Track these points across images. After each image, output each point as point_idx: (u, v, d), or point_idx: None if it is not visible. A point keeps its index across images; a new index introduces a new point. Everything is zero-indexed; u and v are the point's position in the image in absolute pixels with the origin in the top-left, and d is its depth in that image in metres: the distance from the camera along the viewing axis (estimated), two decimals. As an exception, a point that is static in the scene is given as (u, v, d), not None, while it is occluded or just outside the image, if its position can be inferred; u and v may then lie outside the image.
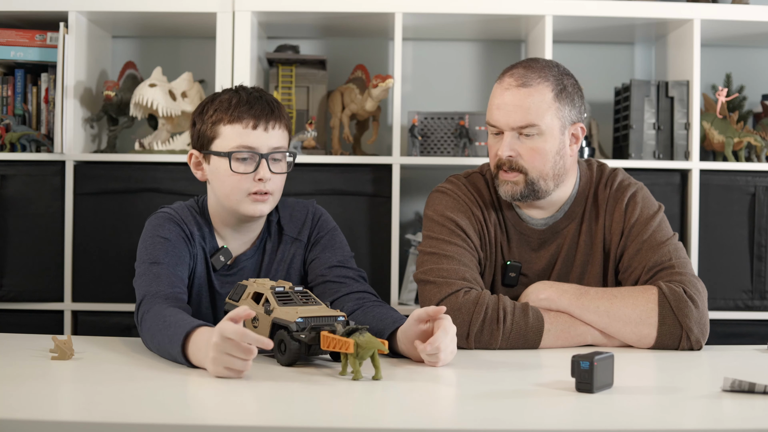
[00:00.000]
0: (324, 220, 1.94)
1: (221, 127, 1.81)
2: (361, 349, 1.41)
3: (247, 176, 1.80)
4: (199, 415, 1.22)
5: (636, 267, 1.85)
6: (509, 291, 1.92)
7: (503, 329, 1.74)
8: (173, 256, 1.78)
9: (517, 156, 1.85)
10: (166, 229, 1.82)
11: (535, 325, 1.75)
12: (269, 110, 1.82)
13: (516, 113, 1.83)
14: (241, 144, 1.80)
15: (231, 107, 1.80)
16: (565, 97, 1.85)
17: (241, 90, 1.84)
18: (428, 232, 1.91)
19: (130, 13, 2.54)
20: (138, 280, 1.76)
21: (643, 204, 1.90)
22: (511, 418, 1.21)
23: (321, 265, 1.88)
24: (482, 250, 1.92)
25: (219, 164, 1.82)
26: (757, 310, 2.52)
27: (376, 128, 2.70)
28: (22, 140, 2.52)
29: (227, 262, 1.87)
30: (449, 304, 1.77)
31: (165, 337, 1.56)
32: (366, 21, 2.64)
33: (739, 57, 2.89)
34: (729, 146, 2.57)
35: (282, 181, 1.86)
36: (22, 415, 1.16)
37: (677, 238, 1.88)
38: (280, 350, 1.52)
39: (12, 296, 2.49)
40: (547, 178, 1.86)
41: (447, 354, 1.55)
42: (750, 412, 1.24)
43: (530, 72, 1.85)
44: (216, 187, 1.84)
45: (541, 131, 1.83)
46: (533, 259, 1.92)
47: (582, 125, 1.90)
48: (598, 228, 1.92)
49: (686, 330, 1.74)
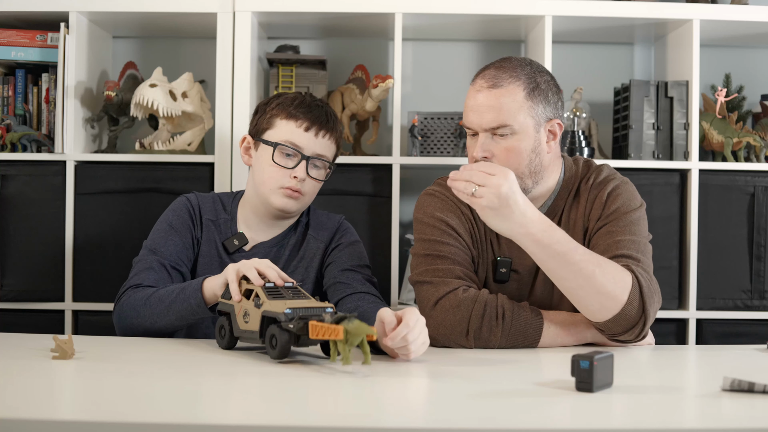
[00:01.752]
0: (349, 231, 2.06)
1: (277, 120, 1.97)
2: (350, 335, 1.42)
3: (285, 170, 1.94)
4: (200, 415, 1.23)
5: (600, 244, 1.83)
6: (501, 287, 1.92)
7: (503, 326, 1.74)
8: (172, 245, 1.95)
9: (492, 156, 1.85)
10: (176, 216, 2.00)
11: (535, 322, 1.76)
12: (325, 119, 1.97)
13: (488, 114, 1.84)
14: (290, 140, 1.95)
15: (292, 105, 1.96)
16: (538, 94, 1.85)
17: (307, 95, 2.01)
18: (420, 235, 1.92)
19: (131, 13, 2.54)
20: (136, 263, 1.95)
21: (625, 196, 1.89)
22: (511, 418, 1.21)
23: (335, 268, 1.96)
24: (474, 248, 1.92)
25: (264, 153, 1.97)
26: (757, 310, 2.53)
27: (376, 128, 2.70)
28: (23, 140, 2.53)
29: (242, 246, 1.99)
30: (447, 302, 1.77)
31: (173, 297, 1.76)
32: (366, 21, 2.64)
33: (738, 57, 2.89)
34: (728, 146, 2.58)
35: (316, 188, 2.00)
36: (22, 415, 1.17)
37: (649, 241, 1.87)
38: (272, 344, 1.53)
39: (13, 296, 2.49)
40: (524, 176, 1.86)
41: (418, 345, 1.57)
42: (750, 411, 1.24)
43: (501, 72, 1.86)
44: (256, 174, 1.99)
45: (515, 131, 1.83)
46: (523, 254, 1.92)
47: (559, 121, 1.90)
48: (578, 217, 1.91)
49: (645, 317, 1.72)
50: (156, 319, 1.79)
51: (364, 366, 1.47)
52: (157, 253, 1.94)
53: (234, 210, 2.05)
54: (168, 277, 1.92)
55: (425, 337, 1.60)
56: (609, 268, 1.73)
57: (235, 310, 1.63)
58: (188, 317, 1.76)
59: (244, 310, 1.60)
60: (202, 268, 1.99)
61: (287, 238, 2.03)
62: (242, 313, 1.61)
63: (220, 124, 2.52)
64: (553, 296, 1.91)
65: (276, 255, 2.00)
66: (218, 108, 2.53)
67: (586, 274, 1.71)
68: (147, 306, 1.80)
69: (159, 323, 1.79)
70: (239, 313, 1.61)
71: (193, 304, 1.73)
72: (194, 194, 2.05)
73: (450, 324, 1.76)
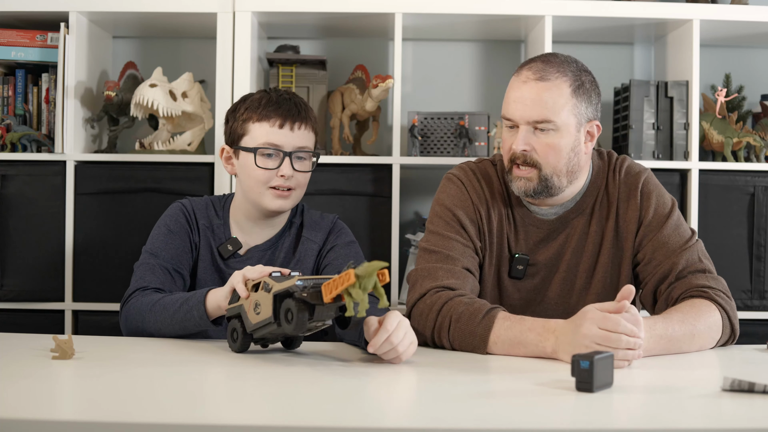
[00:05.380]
0: (344, 232, 2.04)
1: (250, 125, 1.94)
2: (362, 278, 1.40)
3: (270, 171, 1.92)
4: (200, 415, 1.23)
5: (662, 262, 1.84)
6: (516, 283, 1.92)
7: (449, 336, 1.72)
8: (172, 248, 1.95)
9: (531, 151, 1.83)
10: (173, 221, 1.98)
11: (481, 332, 1.69)
12: (296, 111, 1.95)
13: (533, 107, 1.81)
14: (267, 141, 1.93)
15: (260, 106, 1.94)
16: (583, 93, 1.84)
17: (271, 91, 1.98)
18: (428, 223, 1.93)
19: (131, 13, 2.54)
20: (137, 267, 1.94)
21: (658, 193, 1.91)
22: (511, 418, 1.21)
23: (332, 269, 1.95)
24: (480, 240, 1.91)
25: (246, 159, 1.94)
26: (757, 310, 2.53)
27: (376, 128, 2.70)
28: (23, 140, 2.53)
29: (236, 250, 1.98)
30: (417, 309, 1.78)
31: (177, 307, 1.75)
32: (366, 21, 2.64)
33: (738, 57, 2.89)
34: (728, 146, 2.58)
35: (305, 179, 1.98)
36: (22, 415, 1.16)
37: (696, 235, 1.90)
38: (287, 319, 1.52)
39: (13, 296, 2.49)
40: (560, 174, 1.85)
41: (405, 346, 1.55)
42: (750, 411, 1.24)
43: (549, 66, 1.83)
44: (242, 180, 1.97)
45: (557, 127, 1.81)
46: (542, 249, 1.92)
47: (598, 123, 1.89)
48: (610, 217, 1.91)
49: (734, 334, 1.79)
50: (160, 326, 1.79)
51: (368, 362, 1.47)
52: (158, 257, 1.93)
53: (226, 214, 2.03)
54: (171, 280, 1.92)
55: (412, 337, 1.58)
56: (701, 322, 1.73)
57: (245, 307, 1.62)
58: (191, 329, 1.76)
59: (254, 303, 1.59)
60: (202, 273, 1.98)
61: (281, 240, 2.02)
62: (253, 306, 1.59)
63: (220, 124, 2.52)
64: (572, 296, 1.91)
65: (270, 257, 1.99)
66: (218, 108, 2.53)
67: (688, 345, 1.71)
68: (152, 313, 1.80)
69: (163, 330, 1.79)
70: (249, 308, 1.60)
71: (195, 316, 1.73)
72: (188, 200, 2.03)
73: (421, 327, 1.77)
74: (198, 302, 1.73)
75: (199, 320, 1.72)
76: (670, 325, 1.69)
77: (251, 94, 1.99)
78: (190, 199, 2.04)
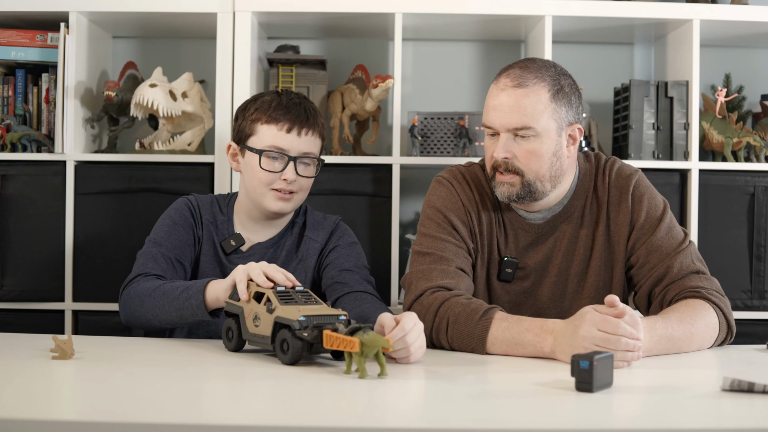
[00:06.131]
0: (347, 232, 2.06)
1: (258, 126, 1.95)
2: (366, 347, 1.41)
3: (274, 174, 1.94)
4: (200, 415, 1.23)
5: (656, 266, 1.84)
6: (506, 286, 1.92)
7: (447, 337, 1.72)
8: (175, 239, 1.96)
9: (512, 158, 1.83)
10: (178, 214, 2.00)
11: (479, 333, 1.69)
12: (305, 117, 1.95)
13: (512, 114, 1.81)
14: (274, 144, 1.94)
15: (270, 108, 1.94)
16: (562, 97, 1.83)
17: (283, 94, 1.99)
18: (420, 226, 1.94)
19: (131, 13, 2.54)
20: (140, 255, 1.95)
21: (649, 195, 1.90)
22: (511, 418, 1.21)
23: (334, 269, 1.97)
24: (471, 241, 1.91)
25: (251, 159, 1.96)
26: (756, 310, 2.53)
27: (376, 128, 2.70)
28: (23, 140, 2.53)
29: (239, 246, 2.00)
30: (414, 309, 1.78)
31: (176, 294, 1.75)
32: (366, 21, 2.64)
33: (738, 57, 2.89)
34: (728, 146, 2.58)
35: (308, 184, 2.00)
36: (22, 415, 1.16)
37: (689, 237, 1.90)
38: (283, 349, 1.53)
39: (13, 296, 2.49)
40: (543, 179, 1.85)
41: (416, 348, 1.56)
42: (749, 411, 1.24)
43: (526, 72, 1.83)
44: (246, 179, 1.99)
45: (537, 133, 1.81)
46: (531, 253, 1.92)
47: (579, 126, 1.88)
48: (601, 220, 1.91)
49: (731, 332, 1.80)
50: (157, 312, 1.79)
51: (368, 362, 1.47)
52: (161, 246, 1.94)
53: (230, 212, 2.05)
54: (173, 269, 1.93)
55: (423, 340, 1.59)
56: (699, 321, 1.73)
57: (244, 313, 1.61)
58: (188, 317, 1.75)
59: (254, 314, 1.59)
60: (204, 267, 1.99)
61: (284, 239, 2.03)
62: (252, 317, 1.59)
63: (220, 124, 2.52)
64: (564, 299, 1.91)
65: (273, 256, 2.00)
66: (218, 108, 2.53)
67: (687, 345, 1.71)
68: (151, 297, 1.80)
69: (160, 316, 1.79)
70: (248, 317, 1.60)
71: (193, 305, 1.73)
72: (194, 196, 2.06)
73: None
74: (197, 291, 1.73)
75: (197, 309, 1.72)
76: (669, 324, 1.69)
77: (263, 94, 2.00)
78: (196, 195, 2.07)
